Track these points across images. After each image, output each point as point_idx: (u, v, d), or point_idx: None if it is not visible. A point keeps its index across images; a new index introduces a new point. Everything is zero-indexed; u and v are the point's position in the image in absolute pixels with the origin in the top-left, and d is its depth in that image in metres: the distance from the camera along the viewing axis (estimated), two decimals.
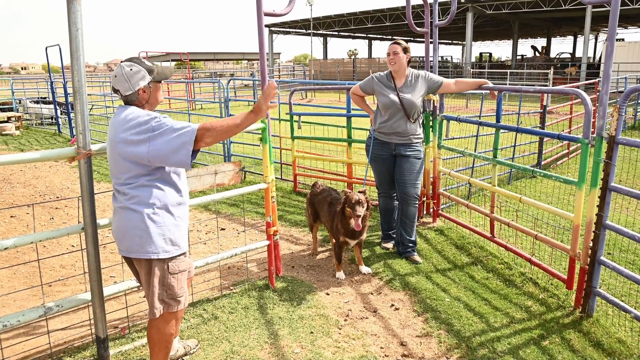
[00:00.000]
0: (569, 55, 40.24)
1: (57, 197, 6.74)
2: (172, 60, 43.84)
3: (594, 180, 3.21)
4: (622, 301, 3.18)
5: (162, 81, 2.58)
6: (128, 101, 2.48)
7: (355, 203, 3.82)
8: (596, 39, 48.60)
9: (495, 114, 4.50)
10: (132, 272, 2.73)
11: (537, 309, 3.48)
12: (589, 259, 3.28)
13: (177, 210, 2.51)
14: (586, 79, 23.82)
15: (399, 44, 4.19)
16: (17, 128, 13.72)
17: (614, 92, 16.02)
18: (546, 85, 19.23)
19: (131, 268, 2.69)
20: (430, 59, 5.18)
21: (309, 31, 41.11)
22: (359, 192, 4.01)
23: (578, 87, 9.35)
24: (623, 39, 29.40)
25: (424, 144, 4.70)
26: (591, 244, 3.25)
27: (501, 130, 4.44)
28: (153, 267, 2.47)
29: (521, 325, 3.29)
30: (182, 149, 2.30)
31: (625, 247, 4.50)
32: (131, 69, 2.43)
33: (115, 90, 2.46)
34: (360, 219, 3.83)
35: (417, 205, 4.39)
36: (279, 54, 56.89)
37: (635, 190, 3.00)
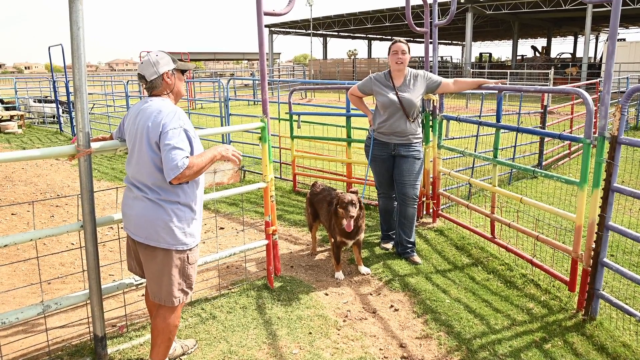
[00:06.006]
0: (569, 56, 40.21)
1: (58, 195, 6.73)
2: None
3: (596, 180, 3.19)
4: (627, 304, 3.14)
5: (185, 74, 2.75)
6: (153, 87, 2.60)
7: (347, 203, 3.81)
8: (597, 39, 48.57)
9: (495, 113, 4.48)
10: (132, 254, 2.75)
11: (538, 311, 3.46)
12: (591, 260, 3.26)
13: (197, 205, 2.66)
14: (587, 79, 23.80)
15: (404, 43, 4.19)
16: (20, 126, 13.74)
17: (615, 92, 16.02)
18: (547, 86, 19.22)
19: (133, 249, 2.71)
20: (430, 59, 5.16)
21: (309, 31, 41.10)
22: (351, 191, 4.00)
23: (579, 87, 9.33)
24: (624, 39, 29.39)
25: (423, 144, 4.68)
26: (594, 246, 3.23)
27: (501, 130, 4.42)
28: (172, 258, 2.57)
29: (522, 327, 3.27)
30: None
31: (629, 248, 4.48)
32: (157, 55, 2.60)
33: (141, 77, 2.60)
34: (352, 220, 3.81)
35: (415, 206, 4.37)
36: (279, 54, 56.86)
37: (639, 191, 2.98)
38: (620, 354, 2.95)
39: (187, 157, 2.42)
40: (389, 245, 4.65)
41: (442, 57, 43.35)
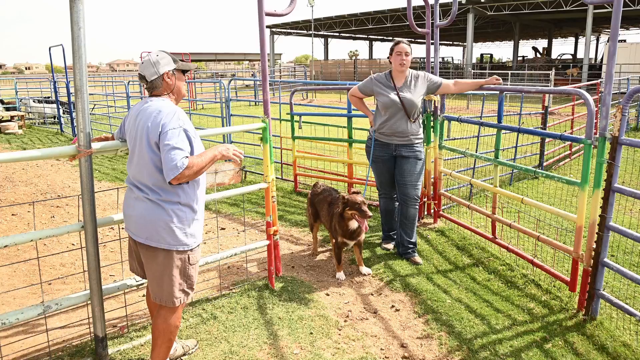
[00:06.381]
0: (570, 57, 40.19)
1: (59, 196, 6.73)
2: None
3: (597, 181, 3.18)
4: (627, 304, 3.15)
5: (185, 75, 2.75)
6: (153, 87, 2.59)
7: (360, 204, 3.82)
8: (597, 40, 48.53)
9: (496, 114, 4.48)
10: (133, 255, 2.75)
11: (539, 311, 3.46)
12: (592, 260, 3.26)
13: (198, 205, 2.65)
14: (587, 80, 23.78)
15: (407, 44, 4.19)
16: (20, 127, 13.74)
17: (615, 93, 16.01)
18: (547, 87, 19.20)
19: (135, 250, 2.72)
20: (431, 59, 5.16)
21: (310, 32, 41.10)
22: (354, 192, 4.00)
23: (580, 88, 9.34)
24: (625, 40, 29.41)
25: (424, 144, 4.67)
26: (594, 246, 3.23)
27: (503, 131, 4.42)
28: (173, 259, 2.57)
29: (523, 327, 3.26)
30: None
31: (630, 249, 4.48)
32: (157, 55, 2.60)
33: (142, 77, 2.59)
34: (366, 220, 3.83)
35: (417, 207, 4.37)
36: (280, 54, 56.95)
37: (639, 191, 2.98)
38: (620, 353, 2.94)
39: (187, 157, 2.42)
40: (390, 246, 4.64)
41: (443, 58, 43.34)
